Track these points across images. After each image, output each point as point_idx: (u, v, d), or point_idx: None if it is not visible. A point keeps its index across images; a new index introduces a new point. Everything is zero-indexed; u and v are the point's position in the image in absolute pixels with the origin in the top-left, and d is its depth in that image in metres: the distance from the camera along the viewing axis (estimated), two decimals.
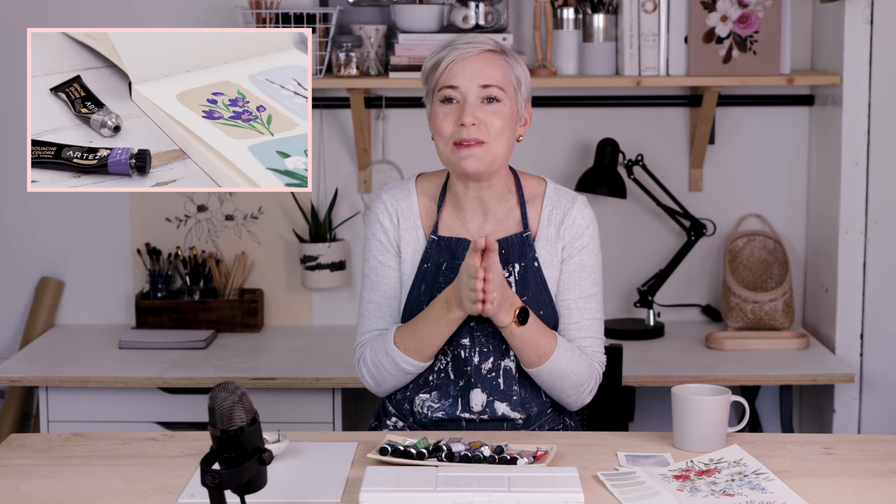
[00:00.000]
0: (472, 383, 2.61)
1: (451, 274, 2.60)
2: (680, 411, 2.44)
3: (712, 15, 3.65)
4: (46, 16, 3.86)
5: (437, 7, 3.71)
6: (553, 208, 2.66)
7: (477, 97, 2.56)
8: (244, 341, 3.80)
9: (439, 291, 2.59)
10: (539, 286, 2.62)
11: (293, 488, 2.26)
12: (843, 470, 2.36)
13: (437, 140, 2.60)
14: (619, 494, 2.22)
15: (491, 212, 2.65)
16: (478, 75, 2.56)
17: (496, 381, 2.62)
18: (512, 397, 2.62)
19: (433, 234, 2.64)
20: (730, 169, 3.95)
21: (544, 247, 2.64)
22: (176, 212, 3.94)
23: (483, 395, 2.61)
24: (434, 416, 2.62)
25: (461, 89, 2.56)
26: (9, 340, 4.01)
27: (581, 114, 3.93)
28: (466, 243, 2.62)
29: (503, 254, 2.61)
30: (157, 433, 2.59)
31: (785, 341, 3.71)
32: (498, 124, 2.56)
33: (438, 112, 2.58)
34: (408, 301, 2.65)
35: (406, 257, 2.66)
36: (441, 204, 2.67)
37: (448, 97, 2.57)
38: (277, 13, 3.67)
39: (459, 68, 2.56)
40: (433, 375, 2.63)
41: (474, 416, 2.61)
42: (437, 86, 2.58)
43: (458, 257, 2.61)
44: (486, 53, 2.58)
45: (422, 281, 2.63)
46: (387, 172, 3.91)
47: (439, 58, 2.58)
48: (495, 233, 2.64)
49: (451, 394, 2.62)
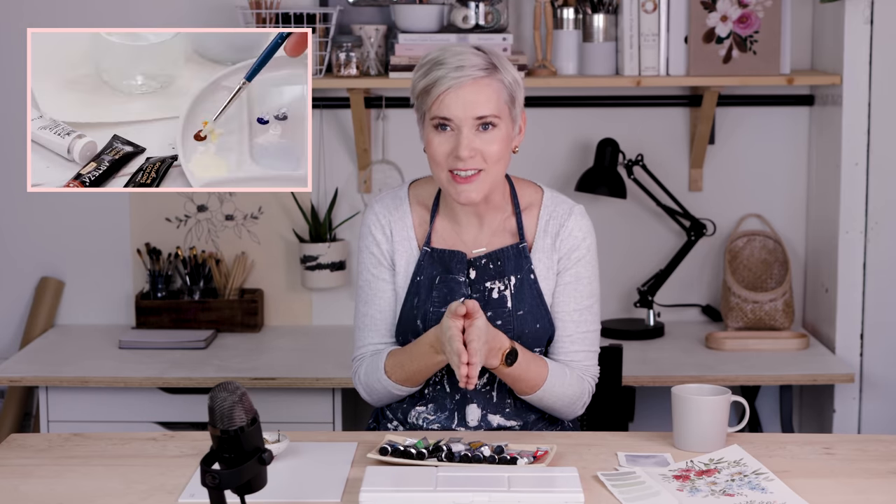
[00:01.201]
0: (467, 398, 2.61)
1: (444, 288, 2.59)
2: (680, 411, 2.44)
3: (712, 15, 3.65)
4: (46, 16, 3.86)
5: (437, 7, 3.71)
6: (549, 218, 2.63)
7: (472, 127, 2.50)
8: (244, 341, 3.80)
9: (433, 306, 2.58)
10: (535, 299, 2.61)
11: (293, 488, 2.26)
12: (843, 470, 2.36)
13: (431, 164, 2.56)
14: (619, 494, 2.22)
15: (486, 224, 2.63)
16: (471, 105, 2.49)
17: (489, 395, 2.62)
18: (505, 409, 2.62)
19: (426, 245, 2.62)
20: (730, 169, 3.95)
21: (540, 258, 2.62)
22: (176, 212, 3.94)
23: (478, 411, 2.62)
24: (429, 428, 2.62)
25: (455, 120, 2.50)
26: (9, 340, 4.01)
27: (581, 114, 3.93)
28: (461, 256, 2.60)
29: (498, 265, 2.60)
30: (157, 433, 2.59)
31: (785, 341, 3.71)
32: (495, 151, 2.52)
33: (433, 139, 2.53)
34: (401, 314, 2.63)
35: (400, 269, 2.64)
36: (434, 214, 2.65)
37: (442, 125, 2.52)
38: (277, 13, 3.67)
39: (452, 99, 2.49)
40: (429, 389, 2.63)
41: (470, 430, 2.61)
42: (430, 114, 2.52)
43: (451, 271, 2.60)
44: (478, 80, 2.50)
45: (415, 294, 2.62)
46: (387, 172, 3.91)
47: (430, 82, 2.50)
48: (490, 244, 2.62)
49: (447, 407, 2.62)
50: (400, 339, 2.65)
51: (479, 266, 2.61)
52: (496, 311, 2.59)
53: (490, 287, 2.59)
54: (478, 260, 2.60)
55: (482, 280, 2.60)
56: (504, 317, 2.59)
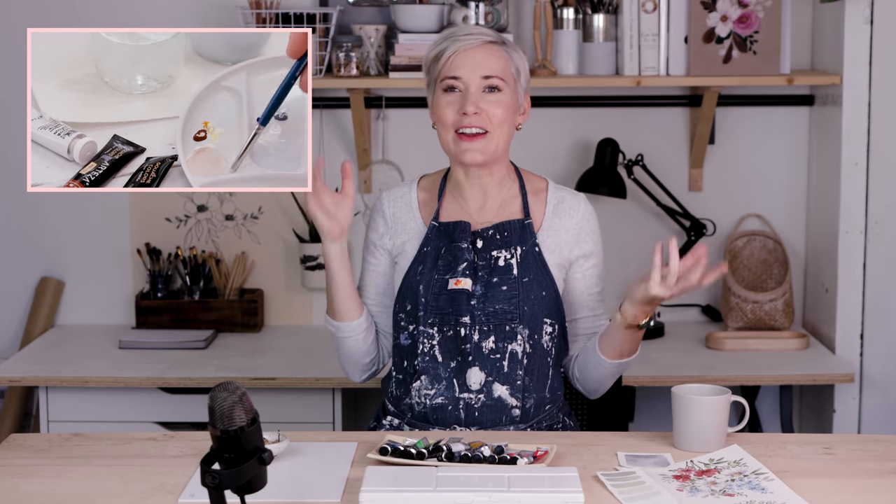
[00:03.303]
0: (469, 362, 2.62)
1: (448, 256, 2.65)
2: (680, 411, 2.44)
3: (712, 15, 3.65)
4: (46, 16, 3.87)
5: (437, 7, 3.71)
6: (558, 203, 2.72)
7: (479, 87, 2.63)
8: (244, 341, 3.80)
9: (437, 273, 2.65)
10: (540, 268, 2.67)
11: (293, 488, 2.26)
12: (843, 470, 2.36)
13: (439, 128, 2.67)
14: (619, 494, 2.22)
15: (491, 197, 2.71)
16: (480, 66, 2.63)
17: (500, 364, 2.63)
18: (515, 382, 2.63)
19: (434, 220, 2.69)
20: (730, 169, 3.95)
21: (549, 235, 2.70)
22: (176, 212, 3.95)
23: (481, 374, 2.62)
24: (433, 403, 2.63)
25: (463, 79, 2.63)
26: (9, 340, 4.01)
27: (581, 114, 3.93)
28: (465, 225, 2.67)
29: (505, 236, 2.66)
30: (157, 433, 2.59)
31: (785, 341, 3.71)
32: (499, 114, 2.63)
33: (441, 101, 2.65)
34: (404, 280, 2.69)
35: (405, 246, 2.72)
36: (441, 194, 2.73)
37: (450, 86, 2.64)
38: (277, 13, 3.67)
39: (462, 59, 2.63)
40: (418, 359, 2.65)
41: (472, 395, 2.62)
42: (440, 76, 2.65)
43: (455, 240, 2.66)
44: (487, 44, 2.65)
45: (420, 262, 2.68)
46: (387, 172, 3.91)
47: (441, 49, 2.65)
48: (497, 216, 2.69)
49: (441, 376, 2.63)
50: (398, 307, 2.70)
51: (486, 237, 2.67)
52: (502, 277, 2.64)
53: (496, 255, 2.66)
54: (485, 231, 2.68)
55: (489, 249, 2.66)
56: (509, 283, 2.64)
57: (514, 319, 2.62)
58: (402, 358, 2.69)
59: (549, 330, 2.66)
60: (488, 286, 2.63)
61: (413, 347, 2.66)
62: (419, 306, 2.64)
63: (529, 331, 2.63)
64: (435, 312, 2.63)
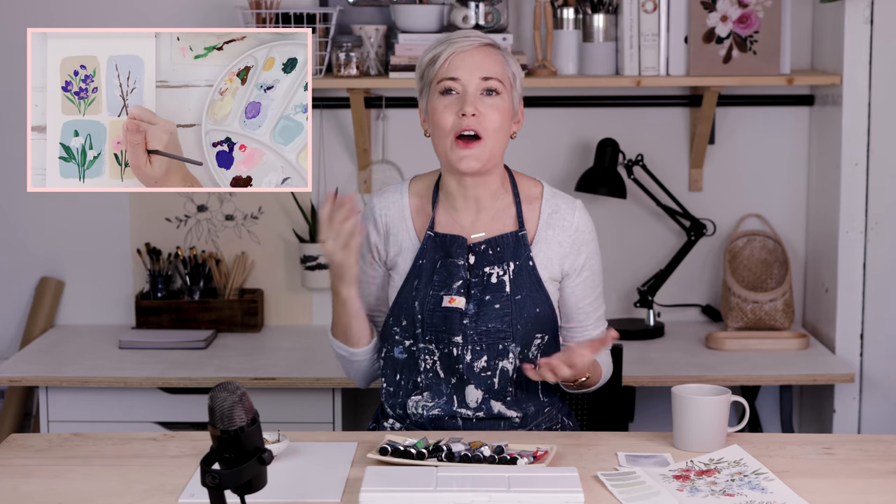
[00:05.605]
0: (464, 380, 2.61)
1: (444, 272, 2.61)
2: (680, 411, 2.44)
3: (712, 15, 3.65)
4: (46, 16, 3.86)
5: (437, 7, 3.71)
6: (552, 212, 2.67)
7: (477, 88, 2.58)
8: (244, 341, 3.80)
9: (433, 289, 2.60)
10: (534, 285, 2.63)
11: (293, 488, 2.26)
12: (843, 470, 2.36)
13: (435, 135, 2.61)
14: (619, 494, 2.22)
15: (485, 209, 2.66)
16: (478, 67, 2.58)
17: (491, 381, 2.62)
18: (507, 398, 2.62)
19: (430, 229, 2.65)
20: (730, 169, 3.95)
21: (542, 248, 2.65)
22: (176, 212, 3.94)
23: (478, 392, 2.61)
24: (430, 415, 2.62)
25: (462, 80, 2.58)
26: (9, 340, 4.01)
27: (581, 114, 3.93)
28: (461, 240, 2.62)
29: (498, 251, 2.62)
30: (157, 433, 2.59)
31: (785, 341, 3.71)
32: (496, 119, 2.58)
33: (438, 104, 2.59)
34: (399, 295, 2.64)
35: (398, 256, 2.67)
36: (435, 202, 2.67)
37: (448, 88, 2.58)
38: (277, 13, 3.67)
39: (460, 60, 2.58)
40: (421, 377, 2.63)
41: (470, 412, 2.61)
42: (437, 78, 2.59)
43: (451, 255, 2.62)
44: (484, 47, 2.61)
45: (416, 276, 2.63)
46: (387, 172, 3.91)
47: (437, 52, 2.60)
48: (489, 230, 2.64)
49: (443, 392, 2.62)
50: (392, 320, 2.66)
51: (478, 252, 2.62)
52: (494, 294, 2.60)
53: (489, 272, 2.61)
54: (477, 246, 2.62)
55: (481, 265, 2.62)
56: (502, 301, 2.60)
57: (507, 338, 2.60)
58: (396, 371, 2.66)
59: (537, 342, 2.64)
60: (481, 304, 2.60)
61: (412, 363, 2.63)
62: (416, 323, 2.61)
63: (521, 347, 2.62)
64: (431, 329, 2.61)
